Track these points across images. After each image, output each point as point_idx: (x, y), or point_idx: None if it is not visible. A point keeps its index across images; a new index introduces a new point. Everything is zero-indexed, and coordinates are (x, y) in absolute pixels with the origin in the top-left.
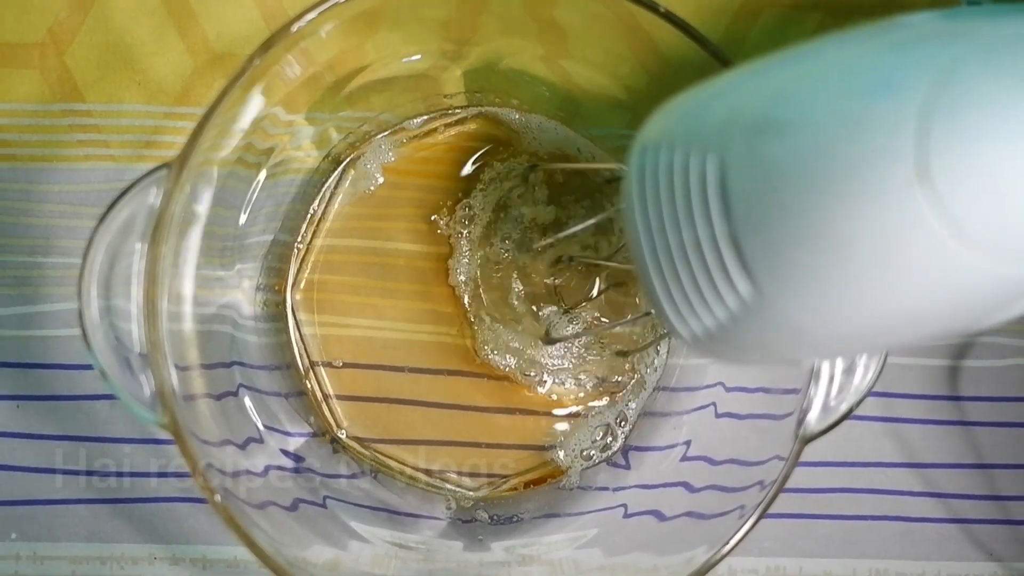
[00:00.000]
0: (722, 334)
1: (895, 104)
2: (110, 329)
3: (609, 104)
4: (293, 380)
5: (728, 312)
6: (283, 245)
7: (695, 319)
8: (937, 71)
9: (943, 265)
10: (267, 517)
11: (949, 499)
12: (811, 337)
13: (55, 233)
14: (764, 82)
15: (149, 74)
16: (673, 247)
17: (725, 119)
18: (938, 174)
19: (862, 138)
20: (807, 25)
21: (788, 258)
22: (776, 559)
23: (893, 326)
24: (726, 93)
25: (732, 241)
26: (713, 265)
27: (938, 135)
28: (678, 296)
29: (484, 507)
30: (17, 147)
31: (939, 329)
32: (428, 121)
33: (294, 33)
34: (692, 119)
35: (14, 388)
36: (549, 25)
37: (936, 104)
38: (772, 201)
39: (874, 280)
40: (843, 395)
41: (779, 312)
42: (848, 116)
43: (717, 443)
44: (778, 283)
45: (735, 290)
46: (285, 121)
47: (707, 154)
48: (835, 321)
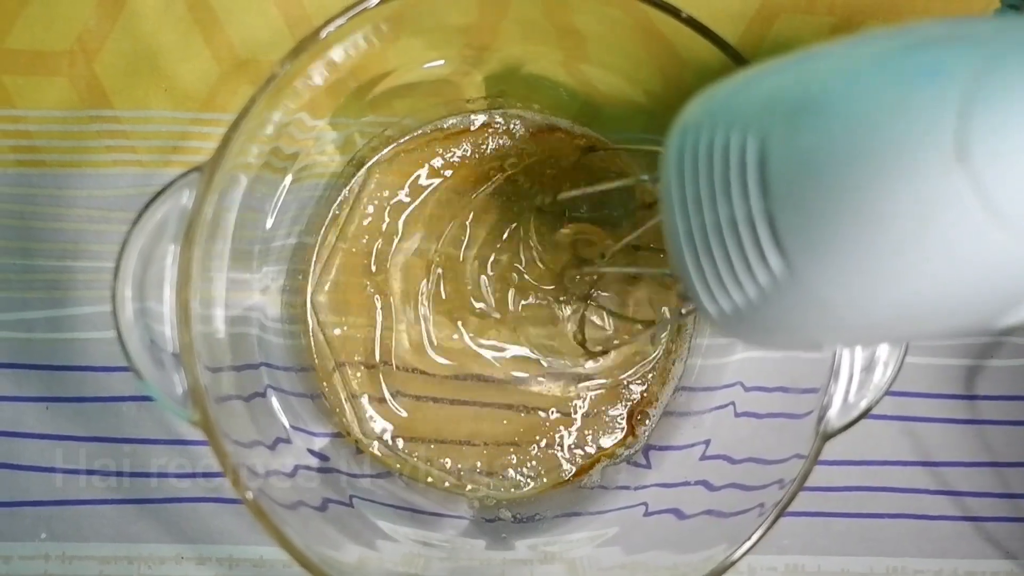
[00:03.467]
0: (751, 312)
1: (938, 87)
2: (144, 330)
3: (628, 108)
4: (316, 381)
5: (759, 289)
6: (307, 248)
7: (726, 297)
8: (981, 59)
9: (977, 245)
10: (298, 517)
11: (965, 497)
12: (839, 317)
13: (84, 237)
14: (807, 67)
15: (175, 80)
16: (708, 224)
17: (767, 100)
18: (978, 155)
19: (904, 118)
20: (822, 30)
21: (823, 235)
22: (794, 557)
23: (921, 310)
24: (768, 77)
25: (767, 218)
26: (747, 242)
27: (980, 118)
28: (710, 273)
29: (507, 506)
30: (47, 153)
31: (966, 317)
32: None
33: (322, 40)
34: (734, 101)
35: (43, 390)
36: (568, 30)
37: (979, 89)
38: (811, 178)
39: (907, 258)
40: (863, 392)
41: (809, 290)
42: (891, 97)
43: (736, 442)
44: (811, 260)
45: (767, 267)
46: (310, 126)
47: (748, 133)
48: (865, 300)
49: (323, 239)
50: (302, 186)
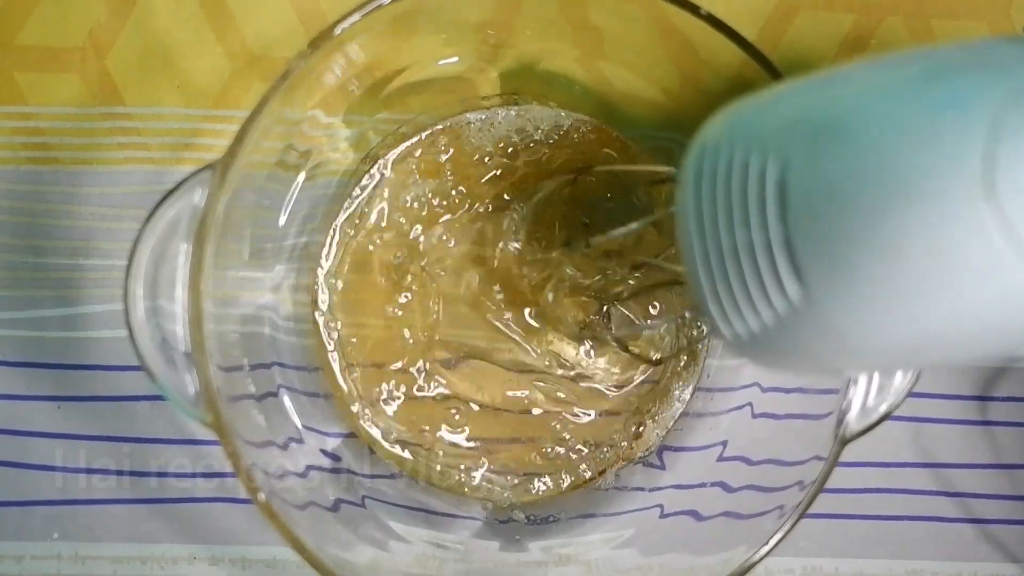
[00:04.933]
0: (766, 337)
1: (965, 118)
2: (156, 329)
3: (645, 106)
4: (327, 381)
5: (775, 315)
6: (320, 246)
7: (740, 321)
8: (1008, 90)
9: (1001, 279)
10: (310, 517)
11: (985, 500)
12: (855, 346)
13: (96, 235)
14: (831, 89)
15: (188, 77)
16: (725, 247)
17: (789, 122)
18: (1004, 189)
19: (929, 148)
20: (842, 27)
21: (842, 263)
22: (812, 559)
23: (938, 341)
24: (790, 98)
25: (786, 243)
26: (764, 266)
27: (1006, 151)
28: (725, 297)
29: (521, 507)
30: (58, 150)
31: (985, 349)
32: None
33: (336, 36)
34: (754, 122)
35: (55, 389)
36: (584, 27)
37: (1006, 120)
38: (831, 205)
39: (927, 290)
40: (883, 396)
41: (826, 318)
42: (916, 126)
43: (754, 443)
44: (829, 288)
45: (784, 292)
46: (324, 123)
47: (768, 156)
48: (882, 331)
49: (335, 237)
50: (315, 184)
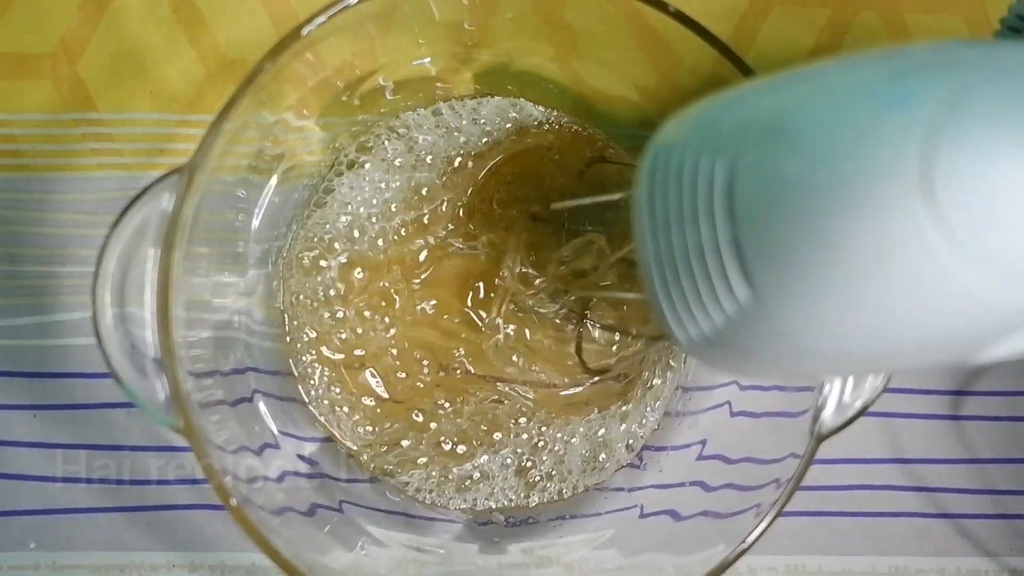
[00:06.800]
0: (719, 340)
1: (903, 117)
2: (125, 335)
3: (621, 104)
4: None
5: (725, 317)
6: (294, 250)
7: (693, 323)
8: (948, 91)
9: (940, 280)
10: (285, 523)
11: (958, 494)
12: (804, 348)
13: (70, 242)
14: (779, 93)
15: (161, 82)
16: (676, 248)
17: (738, 125)
18: (941, 188)
19: (868, 148)
20: (817, 22)
21: (787, 264)
22: (795, 557)
23: (886, 345)
24: (741, 102)
25: (734, 244)
26: (714, 268)
27: (944, 150)
28: (678, 299)
29: (499, 509)
30: (31, 157)
31: (934, 353)
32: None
33: (304, 37)
34: (706, 124)
35: (31, 397)
36: (559, 26)
37: (944, 120)
38: (776, 206)
39: (870, 292)
40: (858, 392)
41: (774, 319)
42: (856, 126)
43: (732, 442)
44: (776, 289)
45: (733, 294)
46: (296, 127)
47: (717, 157)
48: (829, 333)
49: (308, 240)
50: (289, 187)
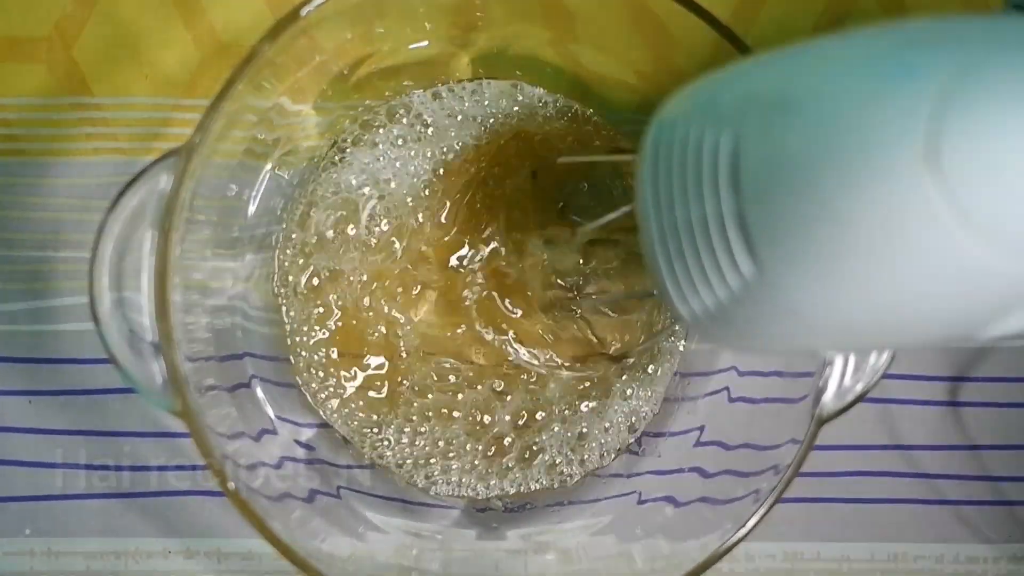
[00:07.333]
0: (722, 314)
1: (911, 87)
2: (122, 319)
3: (619, 88)
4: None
5: (729, 290)
6: (290, 235)
7: (696, 298)
8: (957, 62)
9: (945, 252)
10: (284, 509)
11: (955, 480)
12: (809, 322)
13: (65, 227)
14: (784, 64)
15: (157, 66)
16: (680, 222)
17: (743, 97)
18: (948, 159)
19: (875, 118)
20: (815, 6)
21: (792, 236)
22: (794, 544)
23: (892, 318)
24: (746, 74)
25: (738, 217)
26: (718, 241)
27: (952, 120)
28: (681, 273)
29: (499, 496)
30: (26, 141)
31: (940, 327)
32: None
33: (302, 19)
34: (710, 97)
35: (26, 383)
36: (557, 9)
37: (952, 91)
38: (782, 179)
39: (875, 265)
40: (858, 375)
41: (779, 293)
42: (863, 96)
43: (731, 428)
44: (780, 262)
45: (737, 267)
46: (293, 111)
47: (722, 130)
48: (834, 306)
49: (301, 225)
50: (285, 172)
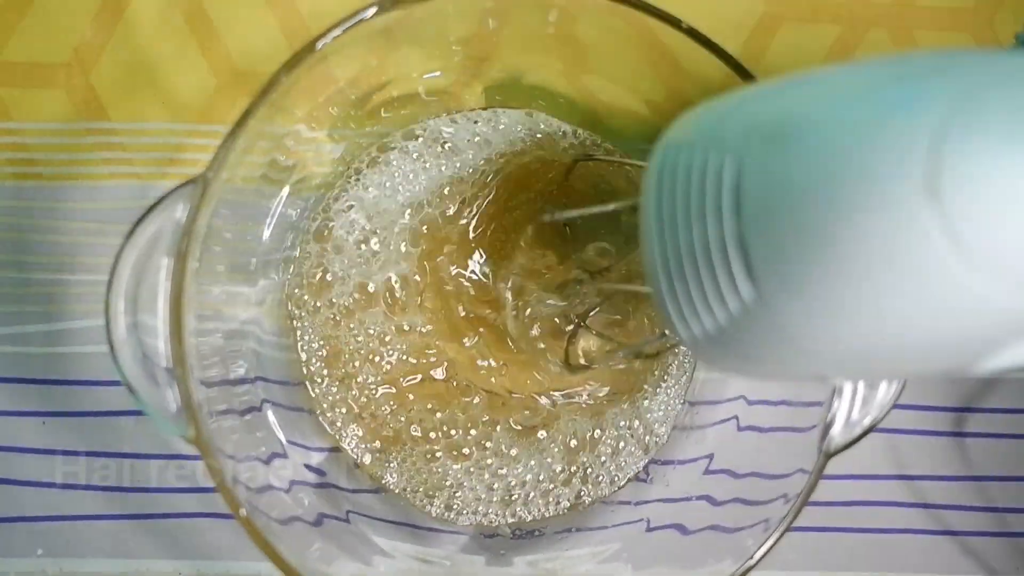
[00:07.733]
0: (722, 338)
1: (910, 120)
2: (137, 344)
3: (630, 118)
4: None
5: (729, 315)
6: (304, 260)
7: (696, 321)
8: (954, 94)
9: (943, 284)
10: (292, 532)
11: (960, 512)
12: (807, 349)
13: (80, 251)
14: (787, 93)
15: (172, 92)
16: (683, 245)
17: (747, 124)
18: (947, 191)
19: (874, 149)
20: (825, 40)
21: (791, 263)
22: (800, 572)
23: (889, 348)
24: (751, 101)
25: (739, 242)
26: (719, 265)
27: (950, 153)
28: (682, 296)
29: (506, 522)
30: (43, 166)
31: (937, 359)
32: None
33: (319, 51)
34: (716, 123)
35: (40, 405)
36: (569, 40)
37: (951, 123)
38: (782, 205)
39: (871, 294)
40: (866, 409)
41: (777, 318)
42: (863, 128)
43: (740, 456)
44: (779, 288)
45: (737, 291)
46: (308, 138)
47: (725, 155)
48: (832, 335)
49: (316, 251)
50: (299, 198)
